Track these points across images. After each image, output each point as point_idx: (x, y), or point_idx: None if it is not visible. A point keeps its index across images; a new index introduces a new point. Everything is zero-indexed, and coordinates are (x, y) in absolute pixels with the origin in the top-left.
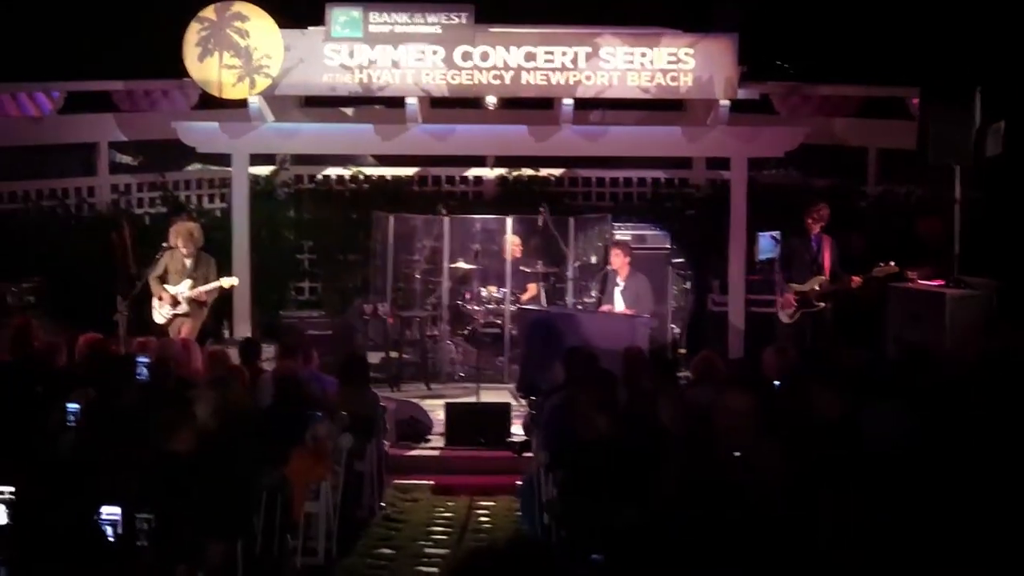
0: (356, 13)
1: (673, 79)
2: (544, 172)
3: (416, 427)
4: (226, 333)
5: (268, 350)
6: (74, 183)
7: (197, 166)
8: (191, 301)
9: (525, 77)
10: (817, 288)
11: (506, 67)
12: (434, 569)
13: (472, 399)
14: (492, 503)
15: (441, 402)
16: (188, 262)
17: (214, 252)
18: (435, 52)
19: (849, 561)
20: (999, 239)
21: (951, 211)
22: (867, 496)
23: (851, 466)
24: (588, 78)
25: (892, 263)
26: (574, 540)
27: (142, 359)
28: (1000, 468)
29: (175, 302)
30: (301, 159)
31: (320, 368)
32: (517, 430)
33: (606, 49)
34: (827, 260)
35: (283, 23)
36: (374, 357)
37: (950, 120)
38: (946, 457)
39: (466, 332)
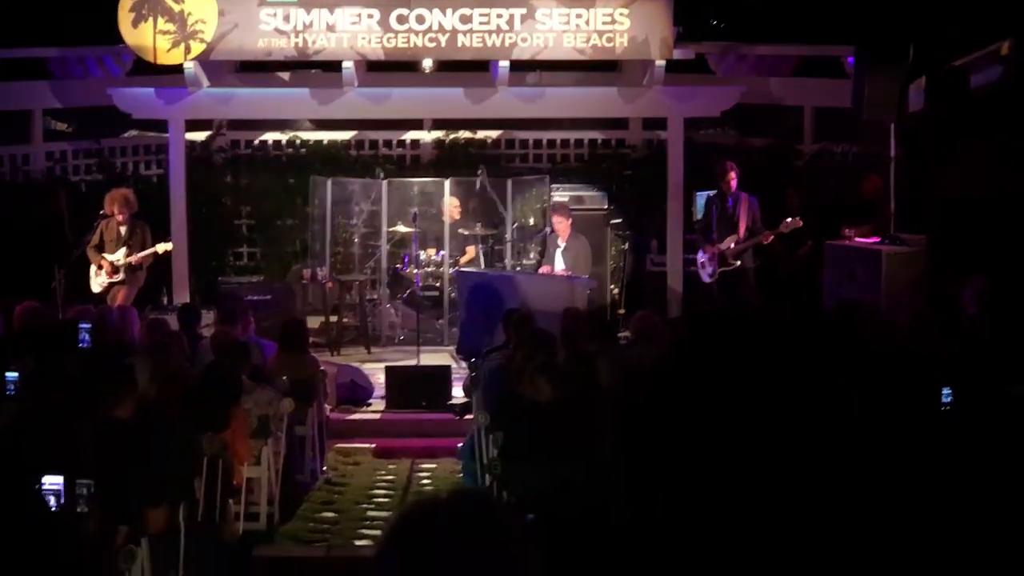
0: None
1: (609, 40)
2: (481, 134)
3: (356, 391)
4: (165, 300)
5: (207, 316)
6: (8, 151)
7: (133, 132)
8: (127, 268)
9: (461, 40)
10: (732, 246)
11: (441, 30)
12: (376, 532)
13: (412, 362)
14: (434, 465)
15: (381, 366)
16: (123, 230)
17: (151, 219)
18: (370, 15)
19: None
20: (925, 196)
21: (886, 168)
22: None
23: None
24: (524, 40)
25: (798, 218)
26: (514, 500)
27: (84, 325)
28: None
29: (114, 271)
30: (237, 124)
31: (259, 333)
32: (457, 392)
33: (541, 11)
34: (743, 218)
35: None
36: (313, 322)
37: (883, 77)
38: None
39: (405, 295)
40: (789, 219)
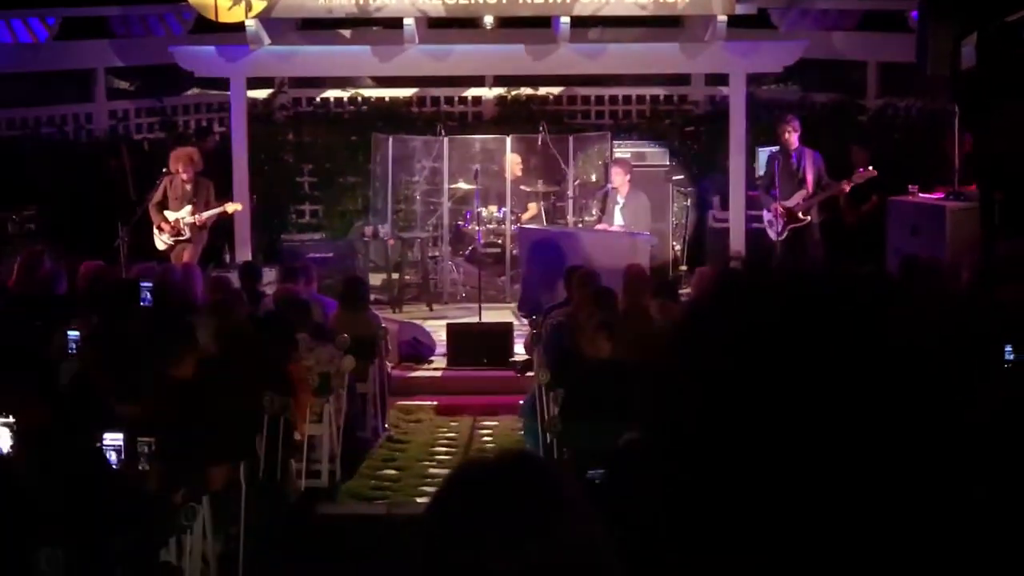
0: None
1: None
2: (543, 91)
3: (418, 348)
4: (227, 257)
5: (269, 274)
6: (72, 110)
7: (195, 91)
8: (192, 227)
9: None
10: (801, 201)
11: None
12: None
13: (474, 319)
14: (495, 423)
15: (443, 323)
16: (188, 187)
17: (213, 176)
18: None
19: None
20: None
21: (951, 123)
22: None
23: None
24: None
25: (872, 168)
26: (576, 458)
27: (146, 284)
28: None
29: (177, 230)
30: (299, 82)
31: (320, 291)
32: (519, 349)
33: None
34: (809, 173)
35: None
36: (375, 279)
37: (947, 31)
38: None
39: (467, 252)
40: (862, 168)
